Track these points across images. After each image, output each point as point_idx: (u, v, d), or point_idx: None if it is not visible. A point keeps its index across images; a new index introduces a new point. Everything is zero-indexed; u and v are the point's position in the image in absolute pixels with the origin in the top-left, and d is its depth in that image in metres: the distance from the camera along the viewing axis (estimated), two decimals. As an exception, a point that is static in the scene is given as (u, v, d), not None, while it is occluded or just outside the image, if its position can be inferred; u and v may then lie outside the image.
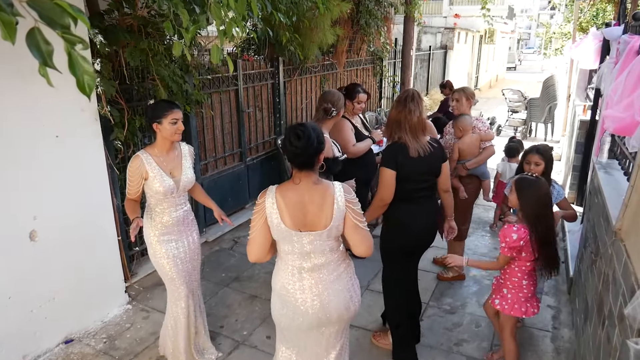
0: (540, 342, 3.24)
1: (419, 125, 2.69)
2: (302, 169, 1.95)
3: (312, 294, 2.00)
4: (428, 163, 2.72)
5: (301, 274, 2.01)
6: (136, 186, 2.53)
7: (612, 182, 2.89)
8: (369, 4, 6.76)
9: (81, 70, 1.00)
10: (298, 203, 1.93)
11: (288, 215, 1.91)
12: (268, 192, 1.96)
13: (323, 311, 2.02)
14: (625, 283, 1.90)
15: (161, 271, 2.71)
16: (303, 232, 1.94)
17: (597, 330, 2.38)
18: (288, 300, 2.03)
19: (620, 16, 4.21)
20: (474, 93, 4.04)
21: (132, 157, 2.54)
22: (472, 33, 18.27)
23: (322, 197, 1.94)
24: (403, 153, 2.66)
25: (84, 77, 1.01)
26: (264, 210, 1.93)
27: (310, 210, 1.94)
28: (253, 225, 1.96)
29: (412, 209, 2.78)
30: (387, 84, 9.15)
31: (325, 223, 1.94)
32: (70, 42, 1.00)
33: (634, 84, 2.34)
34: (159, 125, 2.48)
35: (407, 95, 2.73)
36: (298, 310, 2.02)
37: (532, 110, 10.41)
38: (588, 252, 3.08)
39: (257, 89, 5.25)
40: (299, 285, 2.01)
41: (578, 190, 5.39)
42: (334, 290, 2.03)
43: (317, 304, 2.01)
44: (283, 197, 1.93)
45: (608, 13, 11.03)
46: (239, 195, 5.15)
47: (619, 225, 2.17)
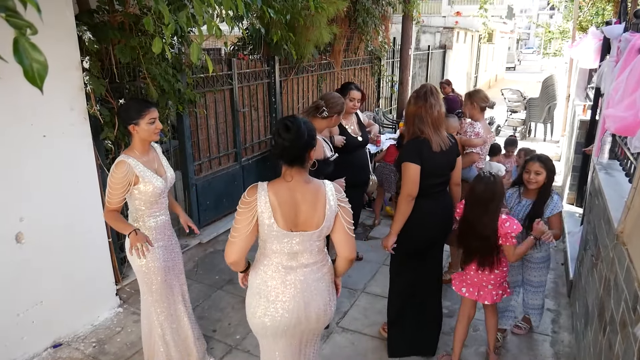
0: (540, 346, 3.17)
1: (440, 119, 2.69)
2: (293, 165, 1.84)
3: (295, 290, 1.91)
4: (448, 157, 2.74)
5: (286, 271, 1.91)
6: (121, 195, 2.34)
7: (613, 184, 2.82)
8: (366, 3, 6.68)
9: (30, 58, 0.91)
10: (291, 202, 1.84)
11: (281, 214, 1.82)
12: (259, 189, 1.83)
13: (303, 310, 1.93)
14: (628, 289, 1.83)
15: (148, 280, 2.56)
16: (294, 232, 1.86)
17: (598, 336, 2.31)
18: (267, 296, 1.92)
19: (620, 14, 4.14)
20: (483, 97, 3.91)
21: (116, 162, 2.35)
22: (472, 33, 18.19)
23: (315, 196, 1.87)
24: (427, 148, 2.65)
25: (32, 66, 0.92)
26: (255, 209, 1.81)
27: (303, 209, 1.85)
28: (239, 225, 1.82)
29: (431, 204, 2.76)
30: (385, 83, 9.07)
31: (317, 223, 1.86)
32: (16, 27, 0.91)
33: (636, 83, 2.28)
34: (136, 126, 2.35)
35: (426, 90, 2.71)
36: (277, 307, 1.91)
37: (532, 110, 10.35)
38: (589, 255, 3.01)
39: (252, 88, 5.18)
40: (280, 282, 1.91)
41: (578, 191, 5.32)
42: (316, 289, 1.96)
43: (300, 301, 1.92)
44: (276, 195, 1.82)
45: (608, 12, 10.96)
46: (234, 196, 5.07)
47: (620, 228, 2.10)
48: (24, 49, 0.91)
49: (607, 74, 3.45)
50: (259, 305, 1.93)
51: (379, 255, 4.43)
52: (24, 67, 0.92)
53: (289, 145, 1.79)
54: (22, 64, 0.92)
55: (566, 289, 3.86)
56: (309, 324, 1.98)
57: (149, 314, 2.65)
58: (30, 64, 0.92)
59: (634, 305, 1.71)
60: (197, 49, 2.17)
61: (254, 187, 1.85)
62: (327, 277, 2.02)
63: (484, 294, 2.77)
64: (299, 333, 2.00)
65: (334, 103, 3.05)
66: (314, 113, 3.05)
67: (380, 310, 3.53)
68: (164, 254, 2.56)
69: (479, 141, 3.79)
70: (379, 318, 3.45)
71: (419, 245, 2.86)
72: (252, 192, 1.84)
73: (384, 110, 9.21)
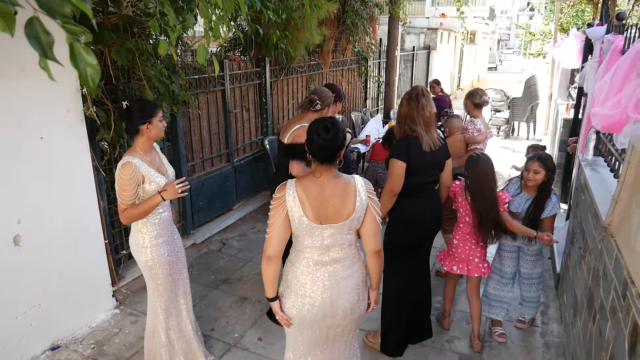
0: (530, 337, 3.28)
1: (431, 119, 2.78)
2: (324, 163, 1.94)
3: (324, 286, 2.00)
4: (436, 158, 2.82)
5: (316, 267, 2.00)
6: (132, 195, 2.37)
7: (599, 179, 2.94)
8: (355, 4, 6.76)
9: (84, 62, 0.96)
10: (319, 196, 1.93)
11: (310, 208, 1.91)
12: (287, 186, 1.93)
13: (329, 306, 2.01)
14: (617, 278, 1.93)
15: (152, 273, 2.62)
16: (324, 225, 1.94)
17: (587, 324, 2.41)
18: (296, 290, 2.02)
19: (602, 16, 4.29)
20: (479, 95, 4.14)
21: (121, 163, 2.37)
22: (455, 33, 18.46)
23: (344, 189, 1.96)
24: (416, 146, 2.73)
25: (87, 70, 0.97)
26: (285, 205, 1.91)
27: (332, 203, 1.94)
28: (272, 222, 1.92)
29: (418, 202, 2.85)
30: (372, 84, 9.17)
31: (347, 214, 1.95)
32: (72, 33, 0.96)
33: (621, 83, 2.38)
34: (150, 125, 2.41)
35: (417, 92, 2.80)
36: (304, 301, 2.01)
37: (515, 110, 10.56)
38: (576, 248, 3.12)
39: (243, 90, 5.21)
40: (311, 277, 2.00)
41: (562, 188, 5.48)
42: (344, 287, 2.03)
43: (326, 297, 2.00)
44: (304, 190, 1.92)
45: (587, 14, 11.25)
46: (226, 197, 5.10)
47: (608, 221, 2.21)
48: (79, 54, 0.95)
49: (590, 74, 3.59)
50: (289, 298, 2.04)
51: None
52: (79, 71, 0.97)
53: (327, 145, 1.88)
54: (78, 68, 0.96)
55: (554, 282, 3.98)
56: (335, 320, 2.05)
57: (154, 308, 2.68)
58: (85, 68, 0.96)
59: (623, 293, 1.81)
60: (204, 51, 2.21)
61: (284, 185, 1.95)
62: (357, 276, 2.07)
63: (472, 267, 3.03)
64: (325, 328, 2.07)
65: (325, 96, 3.12)
66: (309, 107, 3.11)
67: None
68: (168, 249, 2.60)
69: (482, 137, 3.98)
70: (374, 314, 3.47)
71: (411, 242, 2.93)
72: (282, 189, 1.94)
73: (372, 111, 9.32)
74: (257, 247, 4.67)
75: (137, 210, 2.40)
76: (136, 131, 2.42)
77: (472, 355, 3.09)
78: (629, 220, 1.96)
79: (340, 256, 2.01)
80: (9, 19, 0.93)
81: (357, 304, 2.08)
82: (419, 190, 2.82)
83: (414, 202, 2.81)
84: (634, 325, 1.62)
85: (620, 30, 3.28)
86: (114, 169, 3.53)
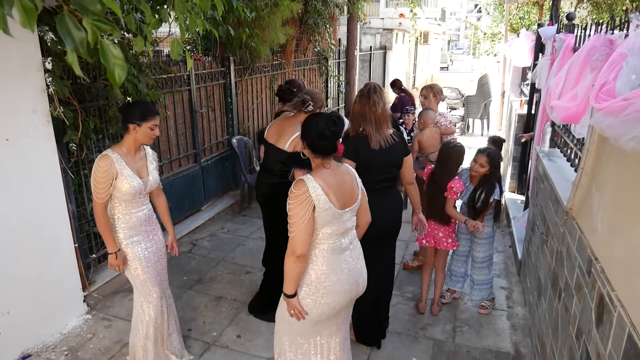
0: (498, 320, 3.46)
1: (383, 117, 2.77)
2: (328, 155, 2.06)
3: (348, 271, 2.13)
4: (390, 155, 2.79)
5: (334, 256, 2.08)
6: (106, 188, 2.38)
7: (557, 169, 3.15)
8: (317, 4, 6.85)
9: (112, 59, 0.97)
10: (336, 184, 2.05)
11: (335, 197, 2.01)
12: (306, 181, 1.96)
13: (356, 286, 2.18)
14: (581, 256, 2.09)
15: (132, 274, 2.62)
16: (346, 209, 2.08)
17: (553, 303, 2.59)
18: (326, 286, 2.07)
19: (552, 16, 4.57)
20: (441, 90, 4.36)
21: (99, 156, 2.38)
22: (409, 34, 18.91)
23: (348, 174, 2.15)
24: (363, 145, 2.74)
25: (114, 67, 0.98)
26: (309, 199, 1.94)
27: (346, 189, 2.09)
28: (298, 219, 1.93)
29: (373, 200, 2.56)
30: (333, 83, 9.29)
31: (356, 197, 2.14)
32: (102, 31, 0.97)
33: (576, 78, 2.57)
34: (138, 127, 2.40)
35: (369, 89, 2.80)
36: (334, 295, 2.09)
37: (469, 107, 10.98)
38: (538, 234, 3.33)
39: (209, 89, 5.18)
40: (332, 268, 2.07)
41: (518, 180, 5.77)
42: (361, 264, 2.24)
43: (353, 279, 2.15)
44: (324, 181, 2.00)
45: (533, 15, 11.84)
46: (195, 197, 5.06)
47: (570, 205, 2.38)
48: (108, 51, 0.97)
49: (543, 71, 3.82)
50: (318, 296, 2.08)
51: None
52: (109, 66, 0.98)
53: (335, 137, 2.02)
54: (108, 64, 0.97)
55: (516, 269, 4.21)
56: (357, 294, 2.25)
57: (137, 307, 2.69)
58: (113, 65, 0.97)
59: (588, 269, 1.97)
60: (178, 46, 2.21)
61: (301, 181, 1.97)
62: (361, 250, 2.28)
63: (437, 240, 3.40)
64: (347, 307, 2.26)
65: (317, 98, 3.16)
66: (301, 107, 3.12)
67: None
68: (143, 248, 2.61)
69: (454, 128, 4.24)
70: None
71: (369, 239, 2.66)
72: (300, 185, 1.96)
73: (333, 110, 9.43)
74: (228, 247, 4.66)
75: (104, 226, 2.47)
76: (125, 128, 2.42)
77: (446, 340, 3.24)
78: (589, 204, 2.14)
79: (352, 237, 2.18)
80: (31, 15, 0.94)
81: (365, 276, 2.26)
82: (373, 188, 2.65)
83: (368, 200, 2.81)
84: (600, 297, 1.77)
85: (571, 30, 3.51)
86: (81, 170, 3.44)
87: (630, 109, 1.36)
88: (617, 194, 1.83)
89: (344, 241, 2.12)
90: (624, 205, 1.74)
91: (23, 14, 0.92)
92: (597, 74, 2.07)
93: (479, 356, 3.07)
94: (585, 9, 10.23)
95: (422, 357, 3.06)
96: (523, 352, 3.09)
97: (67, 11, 1.01)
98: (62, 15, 1.01)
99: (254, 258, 4.40)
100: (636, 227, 1.57)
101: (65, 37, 1.00)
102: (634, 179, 1.68)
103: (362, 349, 3.12)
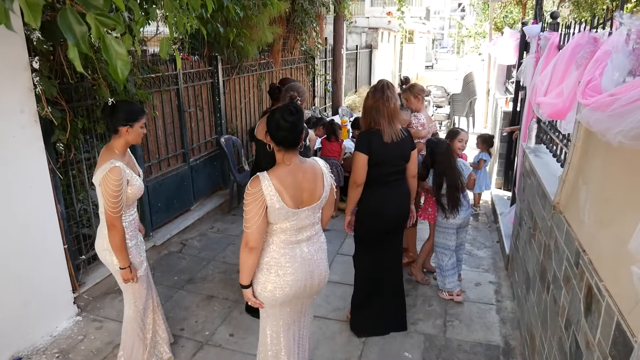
0: (487, 314, 3.52)
1: (395, 112, 2.89)
2: (290, 149, 2.04)
3: (302, 260, 2.14)
4: (400, 148, 2.93)
5: (291, 246, 2.10)
6: (122, 199, 2.32)
7: (544, 164, 3.21)
8: (304, 3, 6.86)
9: (115, 55, 0.97)
10: (294, 183, 2.03)
11: (288, 196, 2.00)
12: (261, 179, 1.98)
13: (310, 278, 2.18)
14: (569, 248, 2.14)
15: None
16: (302, 209, 2.07)
17: (541, 295, 2.64)
18: (276, 271, 2.10)
19: (537, 15, 4.65)
20: (422, 89, 4.35)
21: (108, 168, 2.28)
22: (395, 33, 19.02)
23: (314, 173, 2.11)
24: (377, 138, 2.84)
25: (117, 62, 0.99)
26: (262, 198, 1.96)
27: (306, 187, 2.07)
28: (251, 216, 1.96)
29: (386, 192, 2.96)
30: (320, 82, 9.31)
31: (319, 195, 2.12)
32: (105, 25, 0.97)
33: (562, 75, 2.63)
34: (130, 128, 2.36)
35: (382, 85, 2.91)
36: (287, 280, 2.11)
37: (455, 105, 11.07)
38: (525, 229, 3.39)
39: (197, 89, 5.16)
40: (288, 257, 2.10)
41: (505, 176, 5.85)
42: (319, 259, 2.23)
43: (306, 271, 2.16)
44: (279, 180, 1.99)
45: (515, 14, 12.00)
46: (184, 197, 5.03)
47: (557, 199, 2.44)
48: (110, 46, 0.97)
49: (528, 68, 3.89)
50: (269, 281, 2.11)
51: (334, 245, 4.62)
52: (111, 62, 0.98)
53: (293, 128, 1.99)
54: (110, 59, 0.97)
55: (504, 263, 4.28)
56: (312, 290, 2.25)
57: (129, 309, 2.66)
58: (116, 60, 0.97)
59: (576, 261, 2.02)
60: (167, 45, 2.20)
61: (256, 178, 1.98)
62: (324, 246, 2.28)
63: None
64: (301, 299, 2.25)
65: (302, 91, 3.21)
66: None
67: (341, 296, 3.71)
68: (138, 250, 2.59)
69: (425, 132, 4.12)
70: (341, 304, 3.62)
71: (378, 230, 3.06)
72: (255, 183, 1.98)
73: (320, 109, 9.44)
74: (218, 246, 4.65)
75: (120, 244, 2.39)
76: (115, 131, 2.38)
77: (437, 334, 3.28)
78: (576, 197, 2.19)
79: (312, 233, 2.18)
80: (36, 10, 0.93)
81: (326, 270, 2.30)
82: (385, 180, 2.94)
83: (380, 192, 2.94)
84: (588, 288, 1.82)
85: (555, 28, 3.58)
86: (70, 171, 3.41)
87: (617, 104, 1.40)
88: (604, 187, 1.88)
89: (300, 236, 2.13)
90: (610, 197, 1.79)
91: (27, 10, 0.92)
92: (583, 71, 2.13)
93: (469, 350, 3.12)
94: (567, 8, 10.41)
95: (414, 351, 3.10)
96: (512, 345, 3.15)
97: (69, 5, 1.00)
98: (64, 9, 1.00)
99: (244, 257, 4.41)
100: (623, 218, 1.62)
101: (66, 32, 0.99)
102: (619, 172, 1.73)
103: (355, 344, 3.16)
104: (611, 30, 2.13)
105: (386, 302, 3.21)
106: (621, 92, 1.44)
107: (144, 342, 2.74)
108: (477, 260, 4.38)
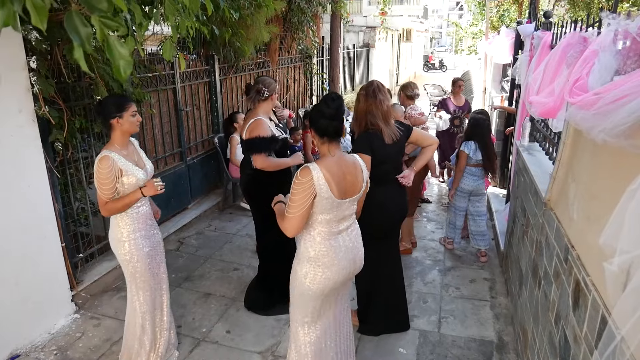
0: (482, 310, 3.56)
1: (389, 112, 2.93)
2: (334, 138, 2.10)
3: (346, 249, 2.21)
4: (399, 146, 2.99)
5: (332, 236, 2.16)
6: (111, 188, 2.40)
7: (536, 162, 3.25)
8: (300, 3, 6.88)
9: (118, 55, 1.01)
10: (340, 174, 2.10)
11: (335, 186, 2.06)
12: (312, 169, 2.03)
13: (353, 265, 2.27)
14: (559, 245, 2.18)
15: (132, 269, 2.62)
16: (345, 200, 2.14)
17: (533, 291, 2.68)
18: (319, 264, 2.16)
19: (531, 14, 4.69)
20: (412, 87, 4.63)
21: (98, 158, 2.38)
22: (392, 32, 19.05)
23: (354, 166, 2.20)
24: (378, 139, 2.87)
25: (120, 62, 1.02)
26: (313, 187, 2.01)
27: (349, 179, 2.15)
28: (299, 204, 2.03)
29: (388, 189, 3.01)
30: (317, 81, 9.34)
31: (359, 188, 2.21)
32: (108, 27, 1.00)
33: (553, 74, 2.67)
34: (120, 119, 2.43)
35: (374, 88, 2.91)
36: (333, 269, 2.17)
37: (452, 104, 11.10)
38: (519, 226, 3.43)
39: (194, 88, 5.19)
40: (334, 248, 2.17)
41: (501, 174, 5.89)
42: (358, 244, 2.32)
43: (350, 258, 2.24)
44: (328, 170, 2.06)
45: (512, 13, 12.04)
46: (181, 196, 5.06)
47: (548, 196, 2.48)
48: (114, 47, 1.00)
49: (522, 67, 3.93)
50: (309, 272, 2.18)
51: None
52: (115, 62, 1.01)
53: (336, 114, 2.05)
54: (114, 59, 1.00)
55: (498, 261, 4.32)
56: (355, 271, 2.34)
57: (132, 302, 2.69)
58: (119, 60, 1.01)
59: (565, 257, 2.06)
60: (171, 47, 2.24)
61: (306, 168, 2.03)
62: (360, 232, 2.37)
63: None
64: (345, 284, 2.34)
65: (269, 83, 3.20)
66: (258, 97, 3.16)
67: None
68: (146, 242, 2.63)
69: (425, 118, 4.47)
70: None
71: (383, 227, 3.08)
72: (306, 172, 2.03)
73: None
74: (215, 244, 4.69)
75: (117, 205, 2.44)
76: (109, 125, 2.44)
77: (431, 330, 3.32)
78: (566, 194, 2.23)
79: (350, 223, 2.27)
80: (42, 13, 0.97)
81: (362, 256, 2.37)
82: (387, 179, 2.98)
83: (381, 191, 2.95)
84: (576, 282, 1.86)
85: (548, 27, 3.62)
86: (67, 170, 3.44)
87: (601, 103, 1.44)
88: (591, 184, 1.92)
89: (341, 227, 2.20)
90: (597, 194, 1.83)
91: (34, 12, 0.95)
92: (572, 69, 2.16)
93: (463, 345, 3.16)
94: (563, 7, 10.45)
95: (409, 347, 3.14)
96: (506, 340, 3.19)
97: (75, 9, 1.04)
98: (70, 12, 1.04)
99: (241, 255, 4.44)
100: (609, 214, 1.66)
101: (72, 33, 1.03)
102: (605, 170, 1.77)
103: (350, 341, 3.19)
104: (599, 30, 2.16)
105: (387, 303, 3.23)
106: (605, 90, 1.48)
107: (147, 342, 2.76)
108: (472, 258, 4.42)
